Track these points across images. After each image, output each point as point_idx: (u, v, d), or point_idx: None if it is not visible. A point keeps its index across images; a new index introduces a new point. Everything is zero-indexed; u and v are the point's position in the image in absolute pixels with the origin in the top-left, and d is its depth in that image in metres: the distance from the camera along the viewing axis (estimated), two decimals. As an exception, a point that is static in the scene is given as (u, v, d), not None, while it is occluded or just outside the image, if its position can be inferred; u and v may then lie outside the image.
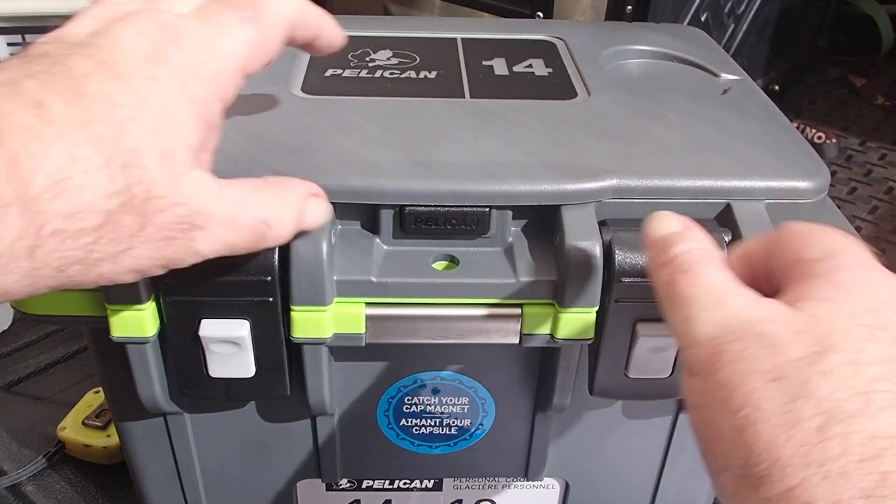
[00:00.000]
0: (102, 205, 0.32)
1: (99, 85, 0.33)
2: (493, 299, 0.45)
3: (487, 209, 0.45)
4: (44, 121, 0.31)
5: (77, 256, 0.32)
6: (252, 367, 0.47)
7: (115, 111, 0.32)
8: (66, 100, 0.32)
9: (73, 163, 0.31)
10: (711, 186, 0.46)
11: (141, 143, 0.33)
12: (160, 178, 0.33)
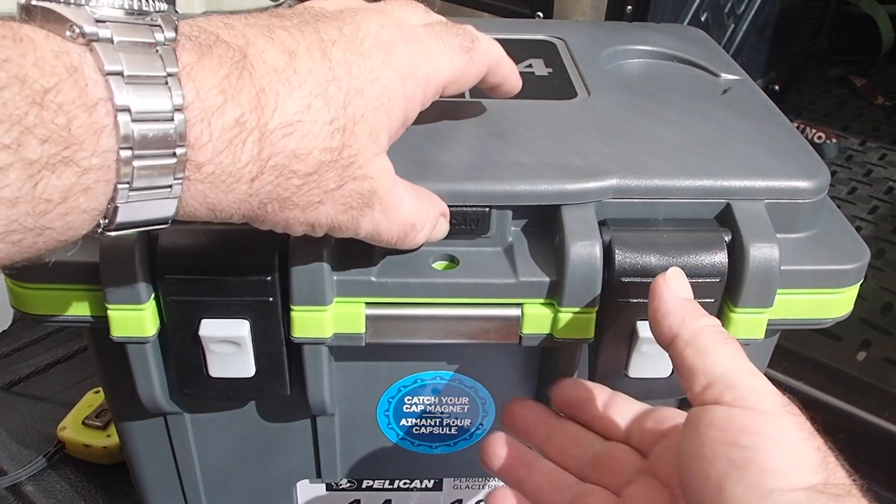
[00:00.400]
0: (318, 156, 0.35)
1: (342, 53, 0.36)
2: (493, 299, 0.45)
3: (487, 209, 0.45)
4: (292, 67, 0.34)
5: (282, 195, 0.35)
6: (252, 367, 0.47)
7: (350, 80, 0.36)
8: (312, 56, 0.35)
9: (306, 111, 0.34)
10: (711, 186, 0.46)
11: (360, 113, 0.36)
12: (364, 150, 0.37)
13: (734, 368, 0.37)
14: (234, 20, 0.35)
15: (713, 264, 0.44)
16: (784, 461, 0.33)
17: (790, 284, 0.45)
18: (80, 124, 0.28)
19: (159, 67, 0.30)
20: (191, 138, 0.31)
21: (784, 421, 0.35)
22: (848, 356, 0.98)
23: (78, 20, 0.29)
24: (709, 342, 0.38)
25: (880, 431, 0.88)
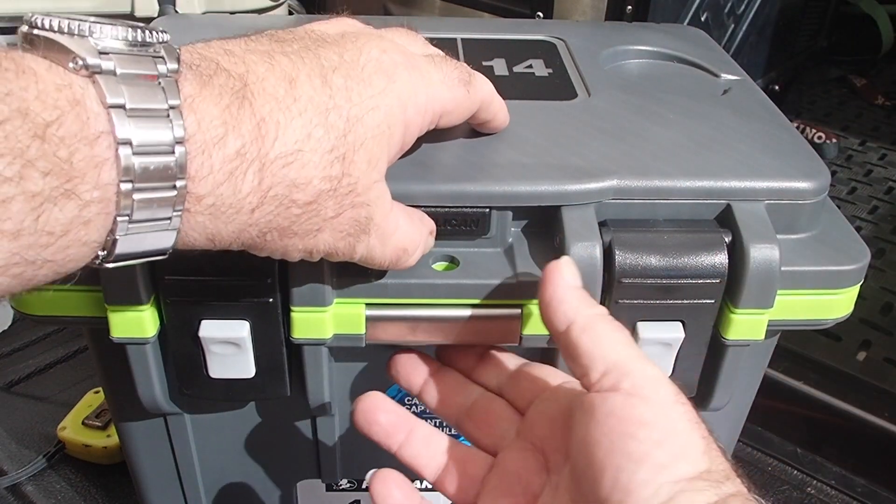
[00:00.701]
0: (318, 185, 0.35)
1: (342, 80, 0.36)
2: (493, 300, 0.45)
3: (487, 210, 0.45)
4: (292, 95, 0.34)
5: (281, 224, 0.35)
6: (252, 368, 0.47)
7: (351, 107, 0.36)
8: (312, 84, 0.35)
9: (306, 140, 0.34)
10: (711, 187, 0.46)
11: (360, 142, 0.36)
12: (363, 178, 0.37)
13: (629, 356, 0.38)
14: (234, 45, 0.35)
15: (713, 265, 0.44)
16: (675, 453, 0.35)
17: (790, 285, 0.45)
18: (82, 157, 0.28)
19: (161, 100, 0.30)
20: (191, 171, 0.31)
21: (676, 411, 0.36)
22: (848, 356, 0.98)
23: (81, 52, 0.29)
24: (603, 329, 0.39)
25: (880, 431, 0.88)
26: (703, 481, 0.34)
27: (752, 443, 0.90)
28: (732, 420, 0.58)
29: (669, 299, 0.45)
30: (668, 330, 0.46)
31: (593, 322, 0.39)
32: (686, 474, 0.34)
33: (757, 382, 0.56)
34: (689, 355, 0.47)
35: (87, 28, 0.30)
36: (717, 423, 0.56)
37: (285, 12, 1.02)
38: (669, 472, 0.34)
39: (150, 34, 0.32)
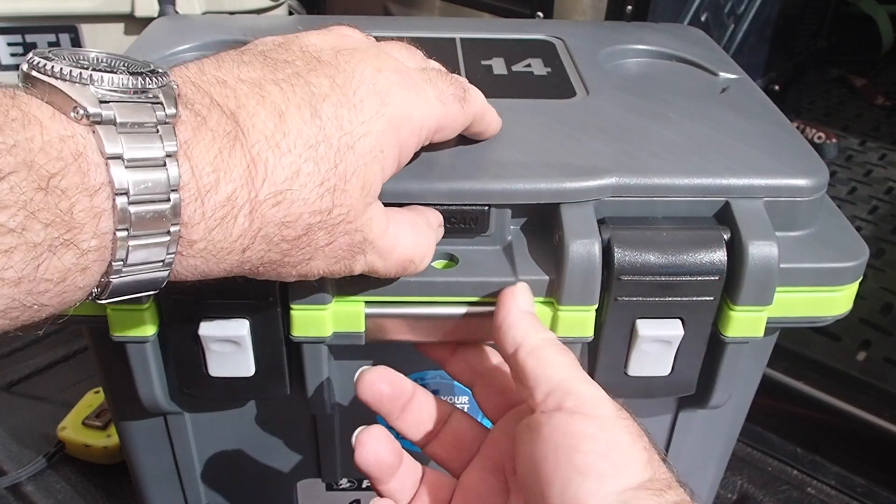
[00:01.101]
0: (307, 219, 0.35)
1: (333, 108, 0.36)
2: (493, 298, 0.45)
3: (486, 208, 0.45)
4: (282, 130, 0.34)
5: (272, 259, 0.36)
6: (252, 367, 0.47)
7: (342, 136, 0.36)
8: (302, 116, 0.35)
9: (295, 177, 0.34)
10: (710, 185, 0.46)
11: (352, 170, 0.36)
12: (355, 205, 0.37)
13: (571, 377, 0.39)
14: (227, 73, 0.35)
15: (712, 262, 0.44)
16: (619, 463, 0.36)
17: (789, 282, 0.45)
18: (82, 208, 0.29)
19: (158, 149, 0.31)
20: (185, 217, 0.32)
21: (618, 425, 0.37)
22: (848, 356, 0.99)
23: (82, 101, 0.30)
24: (548, 353, 0.40)
25: (880, 431, 0.88)
26: (647, 490, 0.35)
27: (752, 443, 0.90)
28: (732, 419, 0.58)
29: (668, 296, 0.45)
30: (667, 327, 0.46)
31: (539, 346, 0.41)
32: (630, 484, 0.35)
33: (756, 381, 0.56)
34: (688, 353, 0.47)
35: (88, 76, 0.30)
36: (717, 422, 0.57)
37: (285, 12, 1.02)
38: (614, 482, 0.35)
39: (150, 79, 0.32)
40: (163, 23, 0.68)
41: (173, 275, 0.34)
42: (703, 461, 0.59)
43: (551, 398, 0.38)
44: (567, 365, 0.40)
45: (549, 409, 0.38)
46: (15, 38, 0.91)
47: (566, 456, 0.36)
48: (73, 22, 0.91)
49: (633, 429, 0.38)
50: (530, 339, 0.41)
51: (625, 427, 0.37)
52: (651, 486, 0.35)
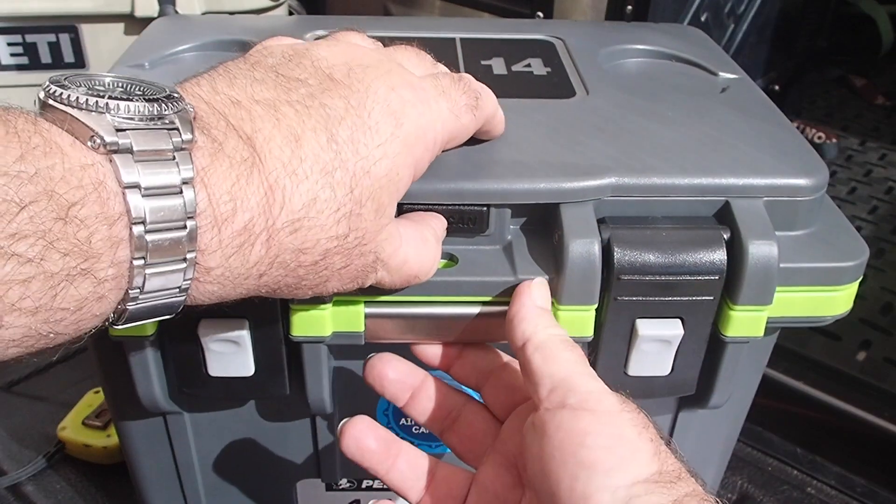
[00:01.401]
0: (324, 245, 0.35)
1: (349, 132, 0.36)
2: (492, 297, 0.45)
3: (485, 208, 0.45)
4: (298, 157, 0.34)
5: (289, 283, 0.36)
6: (251, 366, 0.47)
7: (357, 161, 0.35)
8: (318, 140, 0.35)
9: (312, 204, 0.34)
10: (709, 184, 0.46)
11: (368, 194, 0.36)
12: (371, 229, 0.37)
13: (575, 373, 0.39)
14: (240, 91, 0.35)
15: (712, 262, 0.44)
16: (625, 457, 0.36)
17: (789, 282, 0.45)
18: (101, 238, 0.29)
19: (175, 175, 0.31)
20: (201, 245, 0.32)
21: (621, 419, 0.37)
22: (848, 356, 0.99)
23: (99, 130, 0.29)
24: (554, 349, 0.40)
25: (880, 431, 0.88)
26: (656, 483, 0.35)
27: (752, 443, 0.90)
28: (732, 419, 0.58)
29: (668, 296, 0.45)
30: (667, 327, 0.46)
31: (547, 341, 0.41)
32: (638, 477, 0.35)
33: (756, 381, 0.56)
34: (688, 352, 0.47)
35: (104, 104, 0.30)
36: (717, 422, 0.56)
37: (285, 12, 1.02)
38: (622, 476, 0.35)
39: (166, 105, 0.32)
40: (163, 23, 0.68)
41: (189, 300, 0.34)
42: (703, 461, 0.59)
43: (554, 395, 0.38)
44: (573, 361, 0.40)
45: (553, 407, 0.38)
46: (15, 38, 0.90)
47: (572, 452, 0.36)
48: (73, 22, 0.91)
49: (639, 421, 0.38)
50: (539, 335, 0.41)
51: (629, 420, 0.37)
52: (660, 479, 0.35)
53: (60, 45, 0.92)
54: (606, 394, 0.38)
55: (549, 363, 0.40)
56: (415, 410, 0.47)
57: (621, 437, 0.37)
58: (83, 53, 0.93)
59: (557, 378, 0.39)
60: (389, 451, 0.45)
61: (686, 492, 0.35)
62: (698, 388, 0.50)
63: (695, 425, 0.56)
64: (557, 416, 0.38)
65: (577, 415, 0.37)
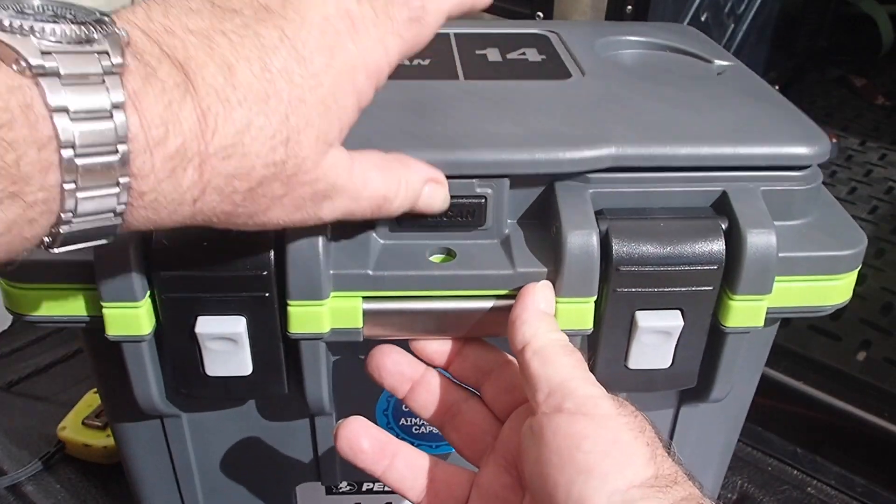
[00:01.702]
0: (260, 171, 0.35)
1: (283, 62, 0.35)
2: (491, 291, 0.45)
3: (483, 200, 0.45)
4: (231, 84, 0.33)
5: (226, 210, 0.35)
6: (249, 365, 0.47)
7: (292, 90, 0.35)
8: (252, 69, 0.34)
9: (246, 130, 0.34)
10: (710, 153, 0.46)
11: (304, 122, 0.36)
12: (311, 155, 0.36)
13: (572, 377, 0.39)
14: (174, 20, 0.34)
15: (711, 252, 0.44)
16: (621, 461, 0.36)
17: (788, 271, 0.45)
18: (29, 161, 0.28)
19: (105, 100, 0.30)
20: (133, 169, 0.31)
21: (617, 423, 0.37)
22: (848, 356, 0.99)
23: (24, 52, 0.29)
24: (553, 353, 0.40)
25: (880, 431, 0.88)
26: (652, 487, 0.35)
27: (752, 443, 0.90)
28: (733, 417, 0.58)
29: (667, 287, 0.45)
30: (666, 318, 0.46)
31: (546, 346, 0.41)
32: (634, 481, 0.35)
33: (756, 377, 0.56)
34: (688, 344, 0.47)
35: (29, 27, 0.30)
36: (718, 421, 0.56)
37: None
38: (617, 481, 0.35)
39: (96, 28, 0.31)
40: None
41: (125, 225, 0.33)
42: (703, 461, 0.59)
43: (551, 399, 0.39)
44: (571, 366, 0.40)
45: (550, 411, 0.38)
46: None
47: (568, 457, 0.36)
48: (72, 23, 0.91)
49: (635, 425, 0.38)
50: (538, 339, 0.41)
51: (625, 424, 0.38)
52: (656, 483, 0.35)
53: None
54: (603, 398, 0.39)
55: (547, 367, 0.40)
56: (415, 403, 0.47)
57: (617, 441, 0.37)
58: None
59: (555, 382, 0.39)
60: (385, 452, 0.45)
61: (683, 495, 0.35)
62: (699, 381, 0.49)
63: (695, 424, 0.56)
64: (555, 421, 0.38)
65: (574, 419, 0.37)
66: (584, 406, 0.38)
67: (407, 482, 0.45)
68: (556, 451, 0.37)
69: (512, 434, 0.44)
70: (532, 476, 0.39)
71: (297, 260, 0.43)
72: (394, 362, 0.46)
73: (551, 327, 0.42)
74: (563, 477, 0.36)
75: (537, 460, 0.38)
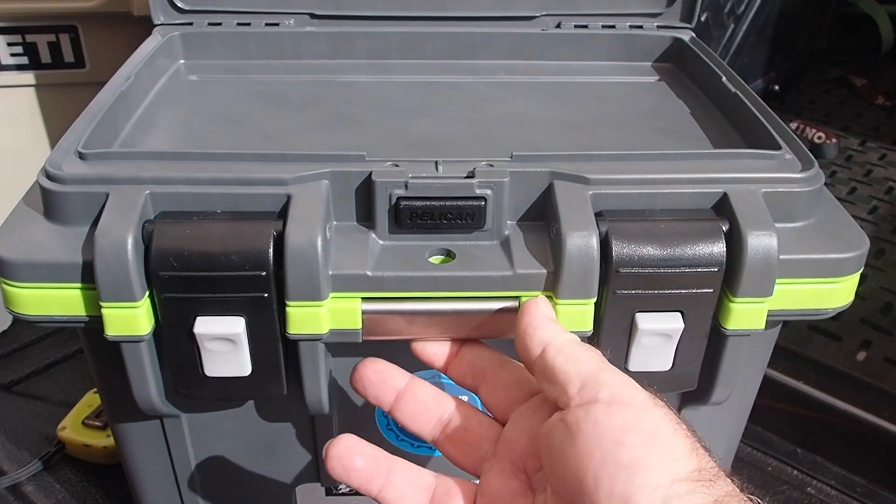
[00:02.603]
0: None
1: None
2: (490, 292, 0.45)
3: (483, 202, 0.45)
4: None
5: None
6: (248, 366, 0.47)
7: None
8: None
9: None
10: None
11: None
12: None
13: (602, 368, 0.39)
14: None
15: (711, 254, 0.44)
16: (664, 454, 0.35)
17: (790, 274, 0.45)
18: None
19: None
20: None
21: (656, 413, 0.37)
22: (848, 356, 0.98)
23: None
24: (576, 350, 0.41)
25: (880, 431, 0.88)
26: (696, 481, 0.34)
27: (752, 443, 0.89)
28: (734, 420, 0.57)
29: (668, 289, 0.45)
30: (667, 320, 0.46)
31: (567, 344, 0.41)
32: (677, 474, 0.34)
33: (758, 379, 0.56)
34: (689, 346, 0.47)
35: None
36: (720, 422, 0.56)
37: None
38: (661, 474, 0.34)
39: None
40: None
41: None
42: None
43: (585, 391, 0.38)
44: (597, 359, 0.40)
45: (585, 402, 0.38)
46: (15, 38, 0.91)
47: (610, 450, 0.36)
48: (73, 21, 0.91)
49: (671, 416, 0.37)
50: (557, 338, 0.41)
51: (663, 415, 0.37)
52: (699, 477, 0.35)
53: (60, 45, 0.92)
54: (637, 388, 0.38)
55: (574, 362, 0.39)
56: (401, 413, 0.46)
57: (657, 432, 0.36)
58: (83, 53, 0.93)
59: (585, 374, 0.39)
60: (380, 468, 0.43)
61: (726, 491, 0.35)
62: (700, 383, 0.49)
63: (697, 425, 0.55)
64: (592, 412, 0.37)
65: (612, 410, 0.37)
66: (621, 395, 0.37)
67: (406, 500, 0.43)
68: (597, 444, 0.36)
69: (517, 435, 0.43)
70: (560, 472, 0.38)
71: (295, 260, 0.43)
72: (376, 372, 0.46)
73: (564, 329, 0.43)
74: (606, 472, 0.35)
75: (572, 455, 0.37)
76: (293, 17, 0.70)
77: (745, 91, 0.58)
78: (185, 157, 0.47)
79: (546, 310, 0.44)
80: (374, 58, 0.69)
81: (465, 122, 0.57)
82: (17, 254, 0.44)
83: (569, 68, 0.69)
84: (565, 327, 0.45)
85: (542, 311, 0.43)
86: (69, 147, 0.48)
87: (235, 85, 0.65)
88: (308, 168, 0.46)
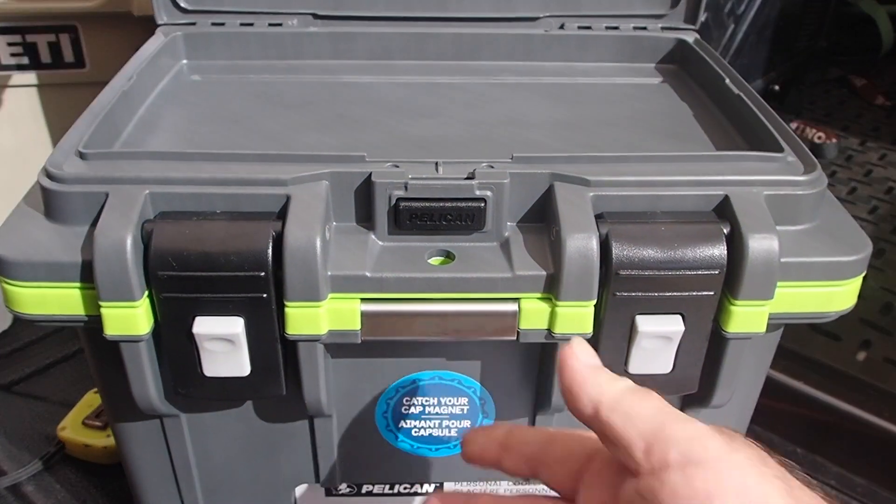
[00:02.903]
0: None
1: None
2: (490, 294, 0.45)
3: (482, 203, 0.45)
4: None
5: None
6: (247, 366, 0.47)
7: None
8: None
9: None
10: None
11: None
12: None
13: (664, 421, 0.35)
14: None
15: (712, 256, 0.44)
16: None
17: (791, 277, 0.45)
18: None
19: None
20: None
21: (736, 462, 0.33)
22: (848, 356, 0.98)
23: None
24: (631, 403, 0.36)
25: (880, 431, 0.88)
26: None
27: (752, 443, 0.89)
28: (736, 423, 0.57)
29: (668, 291, 0.45)
30: (667, 323, 0.45)
31: (620, 399, 0.36)
32: None
33: (760, 381, 0.56)
34: (689, 350, 0.47)
35: None
36: (722, 423, 0.56)
37: None
38: None
39: None
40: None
41: None
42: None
43: (653, 454, 0.34)
44: (656, 409, 0.35)
45: (657, 468, 0.34)
46: (15, 38, 0.91)
47: None
48: (73, 21, 0.91)
49: (755, 458, 0.33)
50: (607, 394, 0.36)
51: (745, 461, 0.33)
52: None
53: (60, 45, 0.92)
54: (709, 435, 0.34)
55: (633, 421, 0.35)
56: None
57: (745, 489, 0.32)
58: (83, 53, 0.93)
59: (648, 433, 0.34)
60: None
61: None
62: (701, 386, 0.49)
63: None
64: (668, 482, 0.33)
65: (688, 474, 0.33)
66: (693, 451, 0.33)
67: None
68: None
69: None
70: None
71: (294, 260, 0.43)
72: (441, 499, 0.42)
73: (611, 377, 0.37)
74: None
75: None
76: (296, 18, 0.70)
77: (749, 93, 0.58)
78: (184, 157, 0.47)
79: (586, 357, 0.38)
80: (376, 58, 0.69)
81: (466, 122, 0.58)
82: (18, 253, 0.44)
83: (571, 69, 0.69)
84: (563, 329, 0.44)
85: (583, 361, 0.38)
86: (70, 147, 0.48)
87: (238, 85, 0.65)
88: (308, 168, 0.46)
